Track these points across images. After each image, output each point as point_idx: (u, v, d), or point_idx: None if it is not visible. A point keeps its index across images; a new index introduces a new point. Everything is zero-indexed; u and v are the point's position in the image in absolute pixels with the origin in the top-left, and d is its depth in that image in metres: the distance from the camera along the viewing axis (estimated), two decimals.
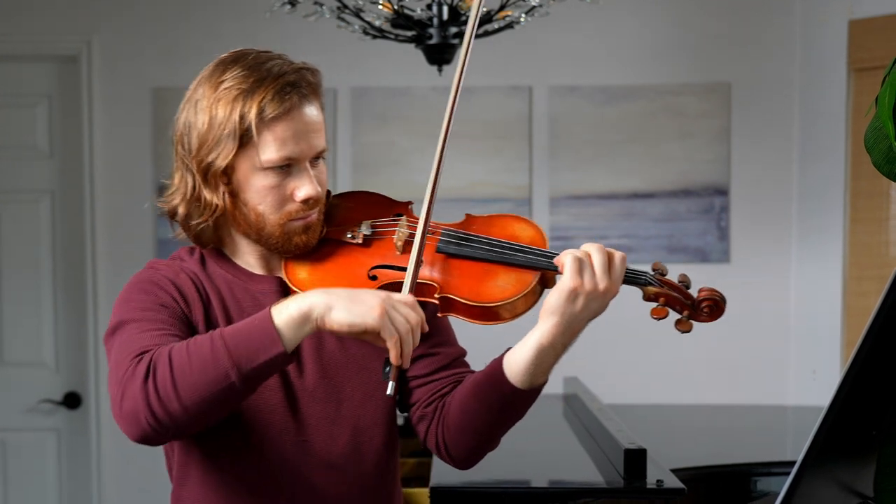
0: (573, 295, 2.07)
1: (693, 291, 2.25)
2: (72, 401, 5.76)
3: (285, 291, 2.25)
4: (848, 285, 5.62)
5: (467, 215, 2.35)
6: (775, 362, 5.91)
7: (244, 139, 2.13)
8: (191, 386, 1.90)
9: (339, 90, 5.72)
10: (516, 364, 2.15)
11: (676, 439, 4.23)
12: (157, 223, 5.69)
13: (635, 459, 3.27)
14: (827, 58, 5.68)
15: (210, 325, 2.19)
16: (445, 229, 2.27)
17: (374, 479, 2.31)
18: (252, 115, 2.11)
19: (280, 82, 2.16)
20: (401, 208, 2.39)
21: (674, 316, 2.23)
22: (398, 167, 5.77)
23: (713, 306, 2.23)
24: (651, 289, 2.20)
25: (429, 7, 4.20)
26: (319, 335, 2.22)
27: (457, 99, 2.39)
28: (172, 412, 1.91)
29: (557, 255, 2.15)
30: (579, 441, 3.93)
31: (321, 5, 4.25)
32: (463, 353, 2.40)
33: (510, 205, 5.75)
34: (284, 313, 1.91)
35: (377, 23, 4.31)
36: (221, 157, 2.14)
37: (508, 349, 2.21)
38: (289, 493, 2.23)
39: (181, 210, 2.22)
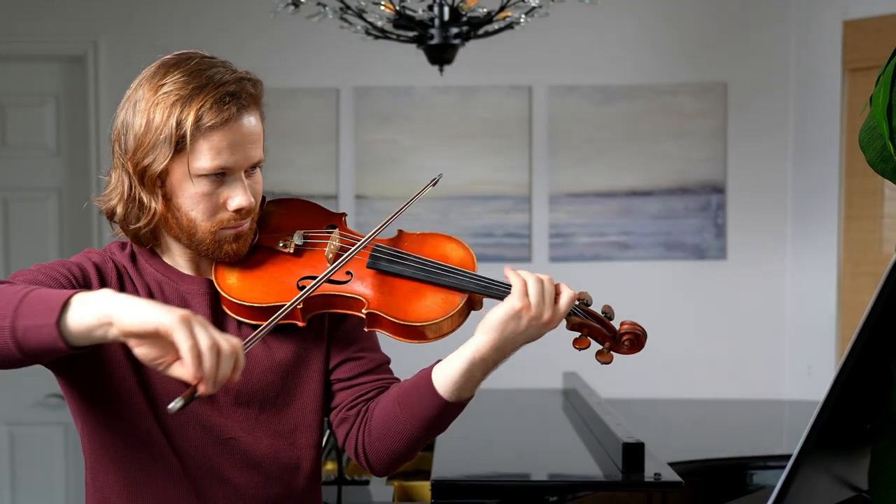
0: (517, 315, 2.07)
1: (616, 323, 2.23)
2: None
3: (214, 293, 2.22)
4: (843, 282, 5.62)
5: (400, 231, 2.32)
6: (771, 358, 5.91)
7: (179, 145, 2.08)
8: None
9: (341, 89, 5.72)
10: (446, 376, 2.13)
11: (674, 433, 4.23)
12: None
13: (633, 453, 3.28)
14: (821, 58, 5.68)
15: None
16: (377, 245, 2.24)
17: (296, 484, 2.28)
18: (189, 123, 2.06)
19: (220, 91, 2.10)
20: (335, 220, 2.35)
21: (595, 346, 2.20)
22: (399, 165, 5.77)
23: (634, 339, 2.21)
24: (575, 318, 2.17)
25: (430, 8, 4.20)
26: (243, 336, 2.12)
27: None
28: None
29: (485, 279, 2.16)
30: (578, 435, 3.93)
31: (324, 6, 4.25)
32: (387, 360, 2.37)
33: (509, 202, 5.75)
34: (83, 298, 1.77)
35: (379, 23, 4.31)
36: (157, 162, 2.09)
37: (438, 361, 2.19)
38: (207, 492, 2.20)
39: (119, 210, 2.18)
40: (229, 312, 2.20)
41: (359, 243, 2.19)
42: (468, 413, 4.18)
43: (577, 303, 2.18)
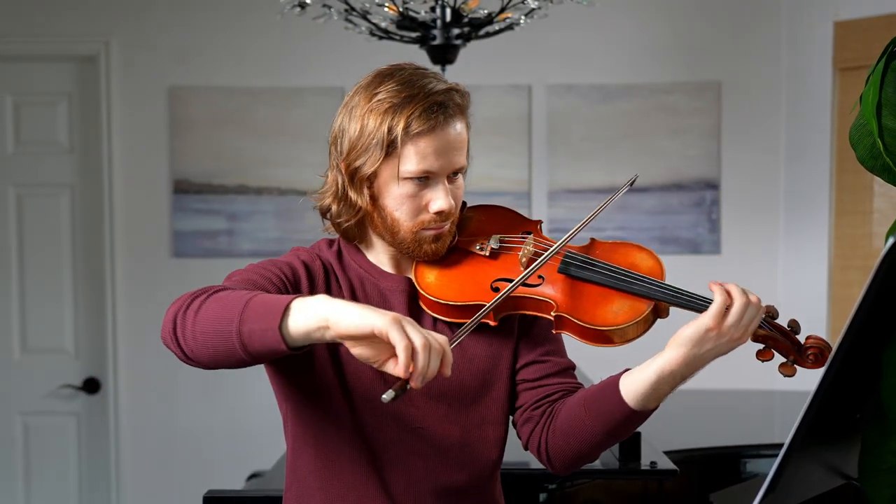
0: (709, 334, 2.12)
1: (801, 337, 2.22)
2: (91, 386, 5.77)
3: (412, 290, 2.30)
4: (833, 275, 5.62)
5: (592, 239, 2.39)
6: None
7: (390, 149, 2.18)
8: (204, 321, 1.93)
9: (346, 88, 5.70)
10: (634, 385, 2.18)
11: (669, 423, 4.23)
12: (172, 216, 5.71)
13: (630, 442, 3.28)
14: (812, 58, 5.68)
15: None
16: (569, 251, 2.29)
17: (481, 477, 2.33)
18: (399, 129, 2.16)
19: (429, 101, 2.19)
20: (531, 226, 2.41)
21: (779, 359, 2.22)
22: None
23: (818, 354, 2.19)
24: (760, 331, 2.19)
25: (432, 9, 4.19)
26: (439, 331, 2.23)
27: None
28: (182, 335, 1.96)
29: (677, 289, 2.22)
30: None
31: (329, 7, 4.25)
32: (573, 365, 2.42)
33: (510, 198, 5.75)
34: (304, 302, 1.87)
35: (383, 24, 4.31)
36: (368, 164, 2.20)
37: (626, 370, 2.24)
38: (391, 477, 2.26)
39: (333, 208, 2.30)
40: (426, 309, 2.28)
41: (552, 248, 2.24)
42: None
43: (763, 316, 2.19)
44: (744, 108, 5.83)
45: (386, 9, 4.21)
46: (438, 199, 2.22)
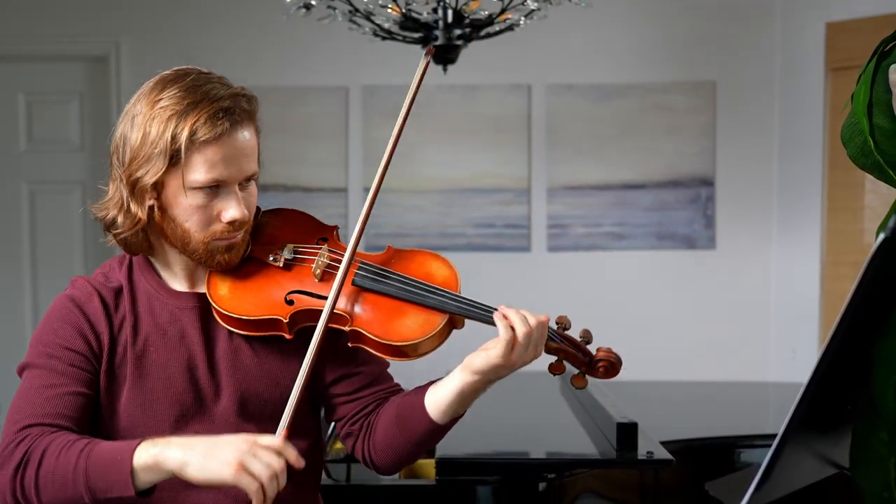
0: (499, 367, 2.05)
1: (593, 348, 2.17)
2: None
3: (204, 306, 2.19)
4: (825, 270, 5.62)
5: (388, 247, 2.28)
6: (757, 342, 5.91)
7: (174, 158, 2.04)
8: (51, 495, 1.91)
9: (350, 88, 5.73)
10: (437, 403, 2.12)
11: (666, 414, 4.23)
12: None
13: (627, 432, 3.28)
14: (805, 58, 5.68)
15: (115, 344, 2.14)
16: (363, 263, 2.20)
17: (301, 486, 2.25)
18: (184, 137, 2.02)
19: (214, 107, 2.05)
20: (327, 233, 2.29)
21: (571, 370, 2.16)
22: (406, 159, 5.77)
23: (609, 366, 2.16)
24: (552, 344, 2.12)
25: (434, 11, 4.19)
26: (236, 349, 2.17)
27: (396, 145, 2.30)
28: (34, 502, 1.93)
29: (469, 301, 2.13)
30: (575, 415, 3.93)
31: (334, 9, 4.25)
32: (384, 367, 2.32)
33: (510, 195, 5.75)
34: (143, 459, 1.86)
35: (386, 25, 4.31)
36: (150, 174, 2.06)
37: (431, 383, 2.18)
38: (213, 494, 2.14)
39: (118, 219, 2.15)
40: (221, 323, 2.16)
41: (344, 261, 2.13)
42: None
43: (555, 327, 2.14)
44: (738, 107, 5.83)
45: (389, 10, 4.21)
46: (230, 209, 2.09)
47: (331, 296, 2.09)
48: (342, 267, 2.12)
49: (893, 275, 1.64)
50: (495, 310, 2.08)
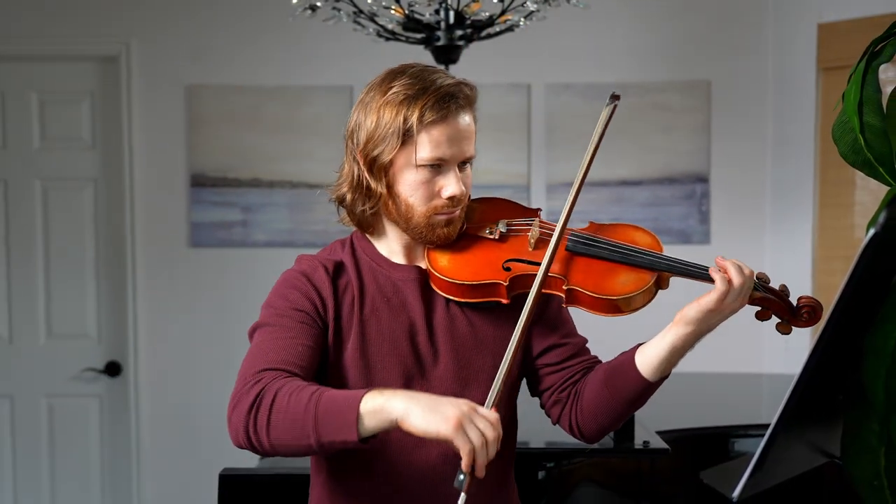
0: (712, 312, 2.19)
1: (793, 299, 2.28)
2: (112, 369, 5.77)
3: (423, 279, 2.35)
4: (817, 265, 5.62)
5: (591, 222, 2.45)
6: (751, 334, 5.89)
7: (405, 138, 2.24)
8: (279, 434, 2.02)
9: (355, 87, 5.72)
10: (649, 360, 2.25)
11: (661, 404, 4.23)
12: (189, 207, 5.72)
13: (624, 423, 3.28)
14: (798, 58, 5.67)
15: (340, 310, 2.30)
16: (574, 232, 2.36)
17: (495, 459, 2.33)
18: (414, 119, 2.22)
19: (440, 92, 2.24)
20: (532, 213, 2.46)
21: (775, 319, 2.29)
22: None
23: (811, 312, 2.26)
24: (757, 294, 2.25)
25: (437, 12, 4.20)
26: (452, 317, 2.32)
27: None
28: (262, 445, 2.05)
29: (677, 260, 2.31)
30: None
31: (338, 10, 4.25)
32: (586, 340, 2.47)
33: (510, 191, 5.75)
34: (370, 405, 1.95)
35: (389, 26, 4.31)
36: (386, 152, 2.25)
37: (639, 344, 2.32)
38: (421, 453, 2.29)
39: (348, 196, 2.36)
40: (439, 292, 2.32)
41: (559, 227, 2.31)
42: None
43: (757, 280, 2.27)
44: (732, 106, 5.82)
45: (392, 11, 4.21)
46: (450, 185, 2.26)
47: (547, 254, 2.24)
48: (557, 229, 2.30)
49: (883, 269, 1.65)
50: (698, 267, 2.29)
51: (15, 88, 5.80)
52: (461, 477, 1.95)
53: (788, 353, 5.66)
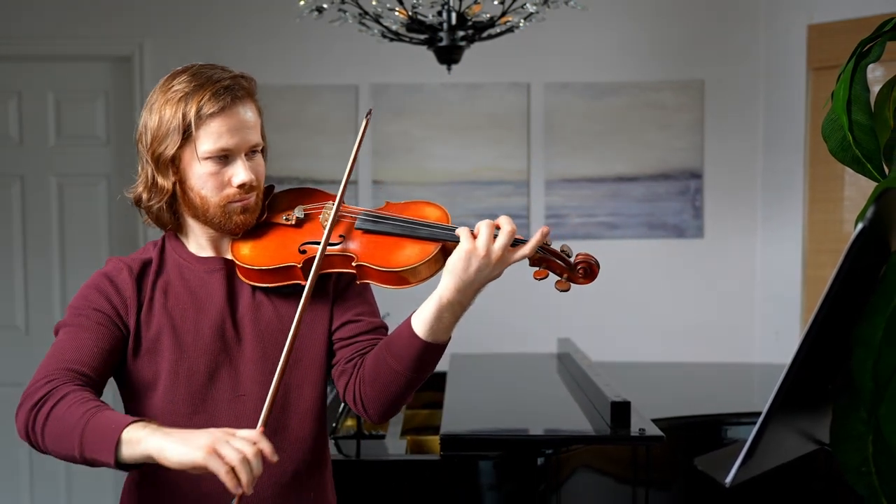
0: (467, 256, 2.15)
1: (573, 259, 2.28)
2: None
3: (229, 268, 2.36)
4: (807, 258, 5.62)
5: (387, 202, 2.42)
6: (743, 325, 5.91)
7: (187, 133, 2.23)
8: (52, 439, 2.05)
9: (360, 86, 5.73)
10: (421, 318, 2.21)
11: (657, 393, 4.24)
12: None
13: (621, 410, 3.28)
14: (788, 58, 5.67)
15: (144, 309, 2.31)
16: (364, 211, 2.36)
17: (303, 432, 2.36)
18: (192, 114, 2.22)
19: (217, 86, 2.25)
20: (331, 197, 2.44)
21: (553, 278, 2.26)
22: (412, 154, 5.78)
23: (587, 269, 2.25)
24: (535, 255, 2.22)
25: (439, 14, 4.20)
26: (258, 304, 2.33)
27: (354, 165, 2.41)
28: (39, 444, 2.08)
29: (451, 227, 2.26)
30: (571, 394, 3.94)
31: (344, 12, 4.25)
32: (384, 325, 2.44)
33: (510, 187, 5.76)
34: (130, 435, 1.96)
35: (394, 27, 4.31)
36: (169, 148, 2.25)
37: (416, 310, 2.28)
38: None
39: (144, 196, 2.35)
40: (243, 279, 2.33)
41: (336, 202, 2.32)
42: (473, 374, 4.19)
43: (515, 237, 2.22)
44: (725, 104, 5.83)
45: (396, 13, 4.21)
46: (239, 174, 2.26)
47: (326, 230, 2.27)
48: (334, 207, 2.31)
49: (871, 262, 1.64)
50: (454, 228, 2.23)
51: (32, 87, 5.81)
52: (233, 502, 1.95)
53: (779, 343, 5.67)
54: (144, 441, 1.93)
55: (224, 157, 2.26)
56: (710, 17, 5.84)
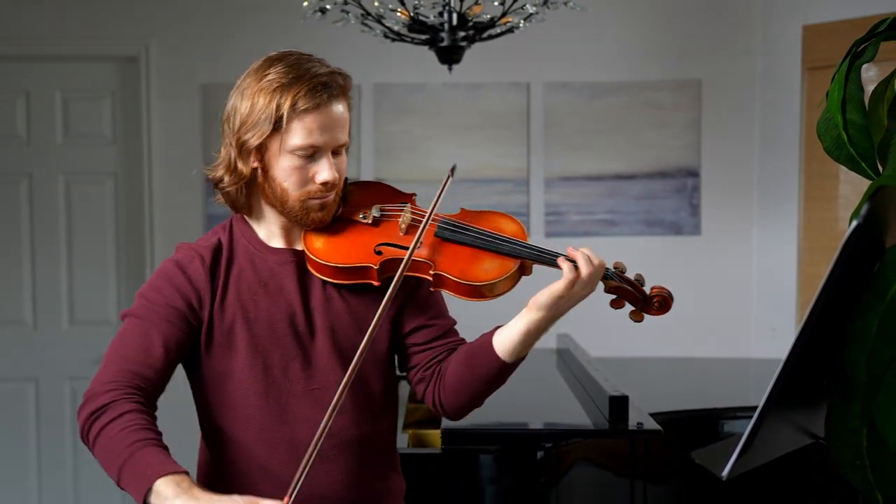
0: (562, 299, 2.17)
1: (647, 289, 2.29)
2: None
3: (300, 261, 2.32)
4: (802, 255, 5.62)
5: (462, 209, 2.41)
6: (740, 321, 5.91)
7: (277, 125, 2.20)
8: (99, 454, 2.08)
9: (363, 86, 5.72)
10: (504, 342, 2.24)
11: (655, 388, 4.24)
12: (205, 200, 5.72)
13: (619, 405, 3.29)
14: (784, 58, 5.67)
15: (218, 297, 2.29)
16: (443, 218, 2.33)
17: (375, 418, 2.37)
18: (286, 106, 2.19)
19: (314, 81, 2.23)
20: (406, 198, 2.43)
21: (629, 308, 2.28)
22: (414, 153, 5.78)
23: (662, 301, 2.28)
24: (611, 283, 2.25)
25: (440, 14, 4.19)
26: (328, 297, 2.31)
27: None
28: (88, 448, 2.12)
29: (538, 248, 2.25)
30: (570, 389, 3.94)
31: (347, 13, 4.24)
32: (454, 323, 2.45)
33: (510, 185, 5.75)
34: (159, 488, 1.94)
35: (396, 28, 4.31)
36: (255, 137, 2.21)
37: (498, 327, 2.29)
38: (298, 433, 2.28)
39: (224, 178, 2.30)
40: (315, 273, 2.30)
41: (428, 214, 2.28)
42: None
43: (613, 269, 2.26)
44: (722, 104, 5.82)
45: (398, 14, 4.21)
46: (323, 171, 2.23)
47: (414, 240, 2.23)
48: (426, 218, 2.27)
49: (865, 259, 1.64)
50: (561, 254, 2.21)
51: (39, 87, 5.81)
52: None
53: (775, 339, 5.67)
54: (170, 502, 1.92)
55: (311, 153, 2.23)
56: (707, 19, 5.84)
